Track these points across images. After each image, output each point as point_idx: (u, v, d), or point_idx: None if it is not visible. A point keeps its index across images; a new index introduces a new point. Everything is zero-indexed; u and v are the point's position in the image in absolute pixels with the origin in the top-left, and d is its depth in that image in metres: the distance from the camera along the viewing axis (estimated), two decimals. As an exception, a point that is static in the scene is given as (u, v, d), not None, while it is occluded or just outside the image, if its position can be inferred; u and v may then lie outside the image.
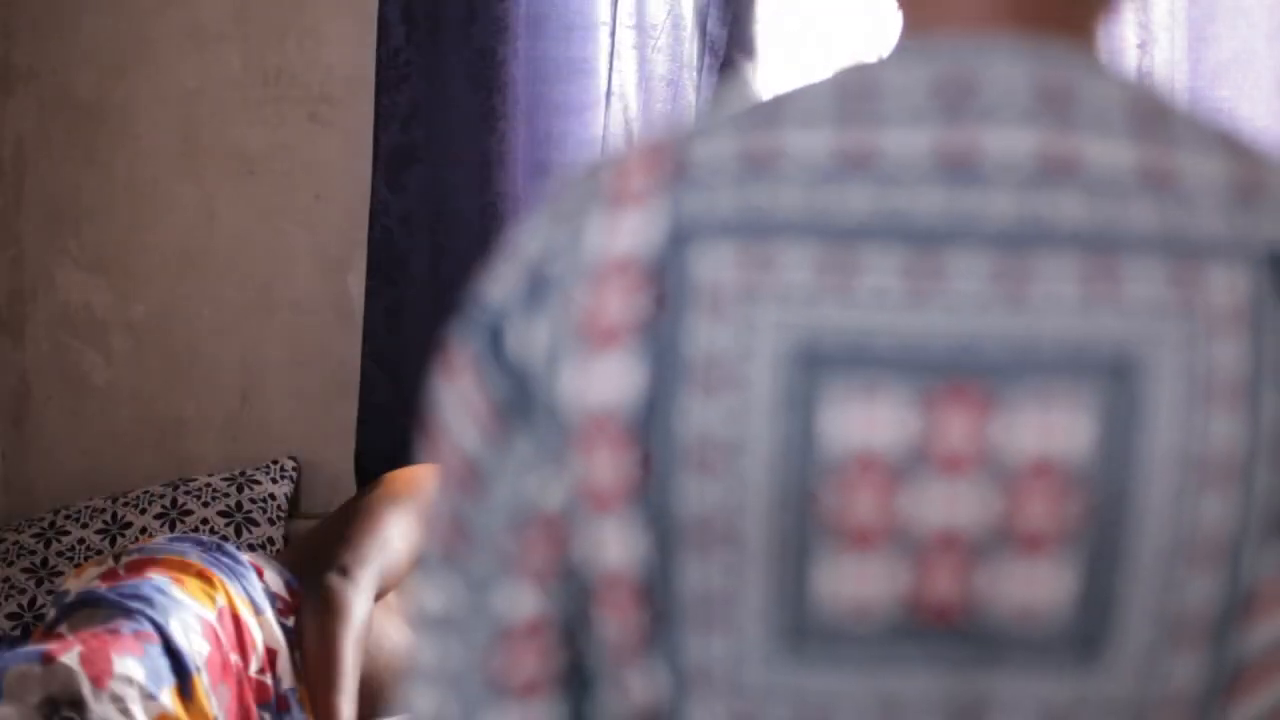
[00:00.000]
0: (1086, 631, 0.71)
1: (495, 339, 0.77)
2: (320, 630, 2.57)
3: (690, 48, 3.22)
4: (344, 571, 2.63)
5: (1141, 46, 3.00)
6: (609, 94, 3.23)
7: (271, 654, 2.57)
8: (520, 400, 0.76)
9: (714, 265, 0.73)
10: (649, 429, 0.73)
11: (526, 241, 0.78)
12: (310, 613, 2.60)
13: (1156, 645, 0.70)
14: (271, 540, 3.35)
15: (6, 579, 3.30)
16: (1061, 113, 0.73)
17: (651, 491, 0.73)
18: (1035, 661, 0.71)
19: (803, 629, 0.72)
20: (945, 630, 0.71)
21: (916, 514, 0.71)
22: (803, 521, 0.71)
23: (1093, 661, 0.71)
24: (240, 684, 2.49)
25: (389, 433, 3.37)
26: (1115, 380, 0.70)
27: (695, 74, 3.21)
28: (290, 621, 2.62)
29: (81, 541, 3.36)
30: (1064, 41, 0.76)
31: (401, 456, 3.27)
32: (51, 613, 2.53)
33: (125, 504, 3.40)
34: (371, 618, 2.64)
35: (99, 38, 3.62)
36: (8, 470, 3.69)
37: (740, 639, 0.72)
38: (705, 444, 0.72)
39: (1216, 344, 0.71)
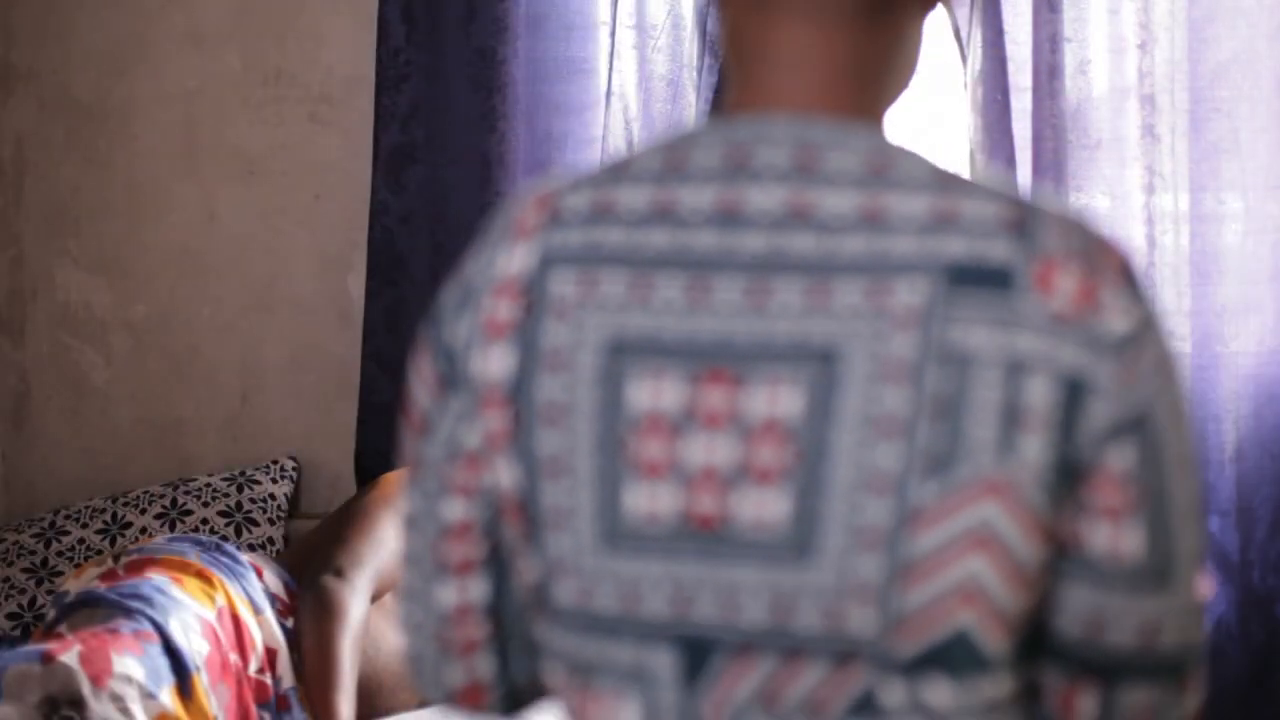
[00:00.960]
0: (799, 539, 1.00)
1: (438, 330, 1.11)
2: (317, 631, 2.57)
3: (690, 48, 3.22)
4: (339, 573, 2.63)
5: (1142, 47, 3.00)
6: (609, 94, 3.23)
7: (271, 654, 2.57)
8: (451, 374, 1.09)
9: (562, 283, 1.05)
10: (518, 396, 1.05)
11: (468, 262, 1.12)
12: (307, 614, 2.60)
13: (848, 548, 0.99)
14: (271, 540, 3.35)
15: (6, 579, 3.30)
16: (807, 174, 1.02)
17: (520, 439, 1.05)
18: (766, 559, 1.00)
19: (616, 531, 1.03)
20: (709, 534, 1.02)
21: (688, 455, 1.02)
22: (614, 459, 1.03)
23: (805, 559, 1.00)
24: (240, 683, 2.50)
25: (389, 433, 3.37)
26: (822, 364, 1.00)
27: (695, 74, 3.21)
28: (290, 622, 2.62)
29: (81, 541, 3.36)
30: (829, 120, 1.05)
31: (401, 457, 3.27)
32: (51, 613, 2.53)
33: (125, 504, 3.40)
34: (368, 618, 2.64)
35: (99, 38, 3.62)
36: (8, 470, 3.69)
37: (578, 538, 1.04)
38: (551, 407, 1.04)
39: (895, 337, 0.99)
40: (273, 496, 3.41)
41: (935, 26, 3.15)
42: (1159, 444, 1.00)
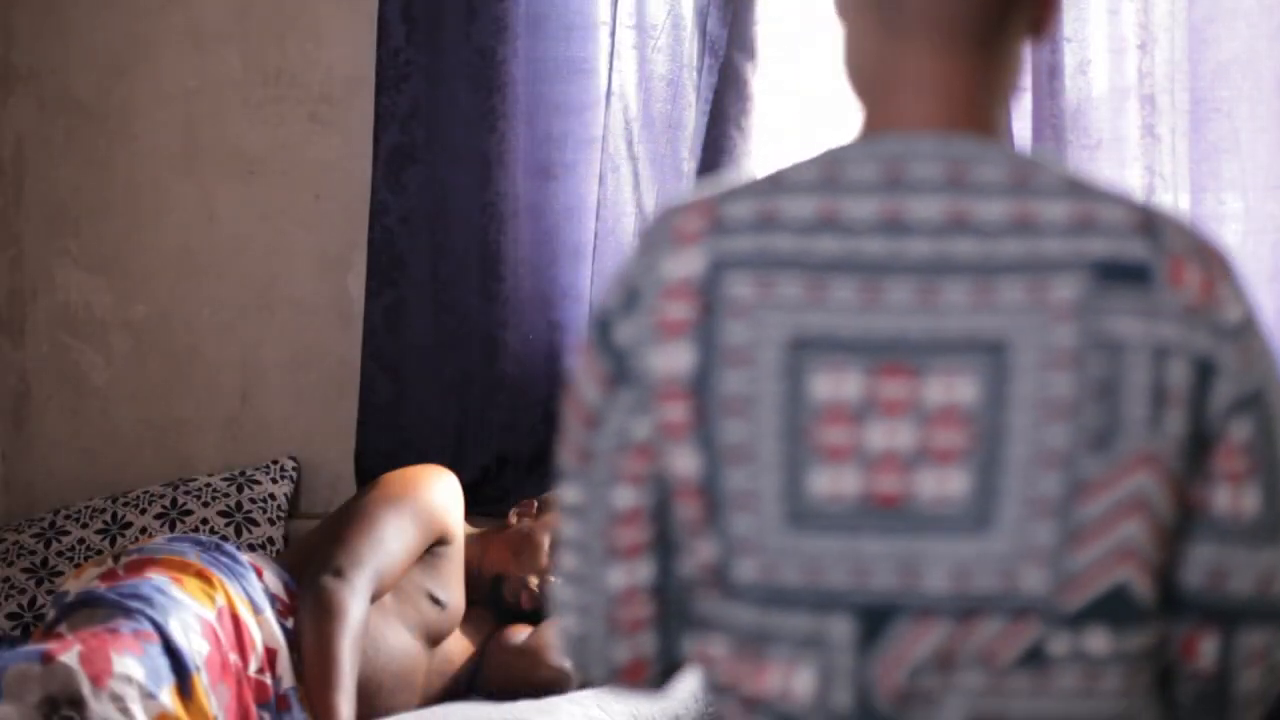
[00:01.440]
0: (980, 511, 1.13)
1: (604, 331, 1.21)
2: (317, 631, 2.57)
3: (690, 48, 3.22)
4: (339, 573, 2.63)
5: (1142, 47, 3.00)
6: (609, 94, 3.23)
7: (271, 654, 2.57)
8: (620, 371, 1.19)
9: (738, 285, 1.16)
10: (700, 389, 1.16)
11: (628, 267, 1.22)
12: (307, 614, 2.60)
13: (1024, 517, 1.12)
14: (271, 540, 3.35)
15: (6, 579, 3.30)
16: (960, 186, 1.16)
17: (703, 428, 1.16)
18: (947, 531, 1.13)
19: (799, 512, 1.15)
20: (890, 511, 1.14)
21: (869, 440, 1.14)
22: (798, 445, 1.15)
23: (983, 531, 1.13)
24: (239, 683, 2.49)
25: (389, 433, 3.37)
26: (993, 355, 1.13)
27: (695, 74, 3.21)
28: (290, 622, 2.62)
29: (81, 541, 3.36)
30: (967, 136, 1.18)
31: (401, 456, 3.27)
32: (51, 613, 2.53)
33: (125, 504, 3.40)
34: (368, 618, 2.64)
35: (99, 38, 3.62)
36: (8, 470, 3.69)
37: (762, 519, 1.15)
38: (735, 399, 1.15)
39: (1057, 328, 1.13)
40: (273, 496, 3.41)
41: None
42: (1271, 417, 1.16)
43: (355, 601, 2.61)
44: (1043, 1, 1.23)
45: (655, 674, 1.25)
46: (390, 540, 2.72)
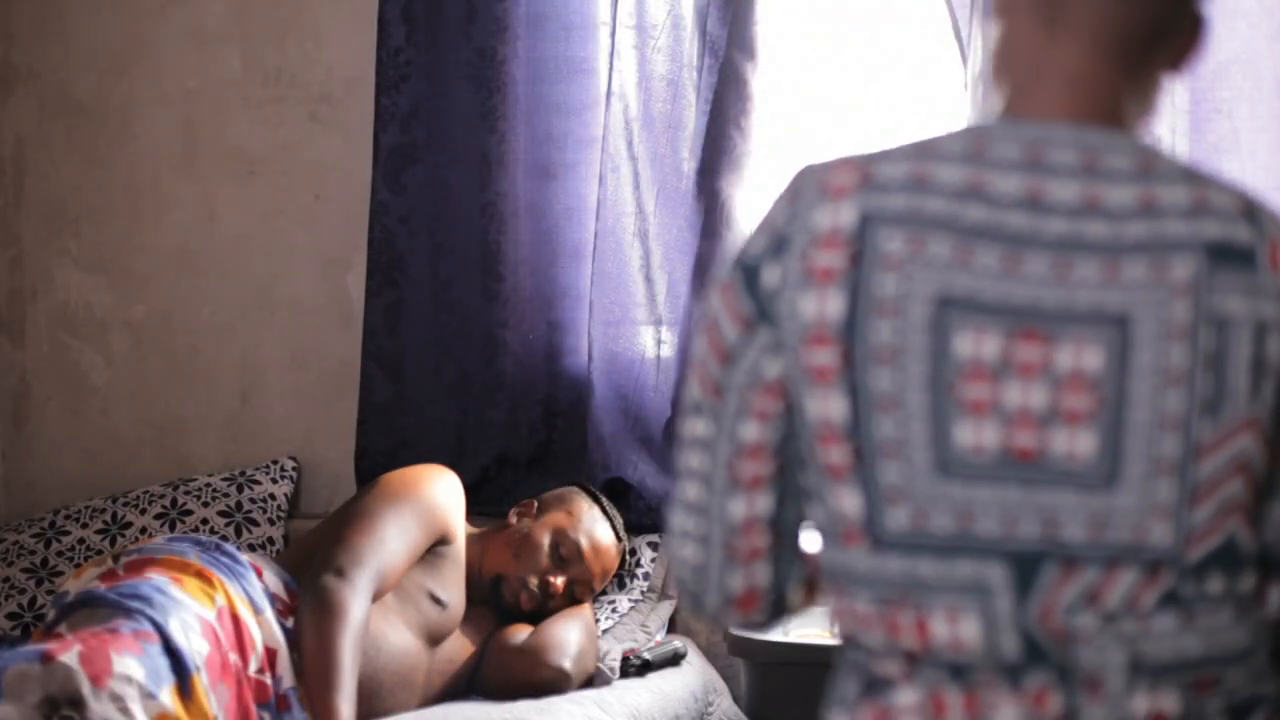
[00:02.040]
0: (1107, 469, 1.24)
1: (750, 274, 1.30)
2: (318, 631, 2.57)
3: (690, 48, 3.22)
4: (340, 573, 2.62)
5: (1142, 47, 2.99)
6: (609, 94, 3.23)
7: (271, 653, 2.57)
8: (761, 313, 1.29)
9: (890, 240, 1.25)
10: (850, 336, 1.25)
11: (774, 216, 1.30)
12: (308, 613, 2.60)
13: (1147, 476, 1.24)
14: (271, 540, 3.35)
15: (6, 579, 3.30)
16: (1093, 172, 1.27)
17: (851, 374, 1.24)
18: (1080, 486, 1.23)
19: (946, 461, 1.24)
20: (1029, 464, 1.24)
21: (1007, 398, 1.24)
22: (943, 398, 1.24)
23: (1113, 486, 1.24)
24: (239, 683, 2.49)
25: (389, 433, 3.37)
26: (1117, 327, 1.24)
27: (695, 74, 3.21)
28: (289, 622, 2.62)
29: (81, 541, 3.36)
30: (1099, 128, 1.29)
31: (401, 456, 3.27)
32: (51, 613, 2.53)
33: (125, 504, 3.40)
34: (369, 618, 2.64)
35: (99, 38, 3.62)
36: (8, 470, 3.69)
37: (912, 467, 1.24)
38: (884, 348, 1.24)
39: (1175, 304, 1.24)
40: (273, 496, 3.41)
41: (935, 27, 3.15)
42: None
43: (357, 601, 2.61)
44: (1188, 42, 1.34)
45: (767, 606, 1.34)
46: (392, 540, 2.72)
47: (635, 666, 2.93)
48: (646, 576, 3.21)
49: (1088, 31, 1.30)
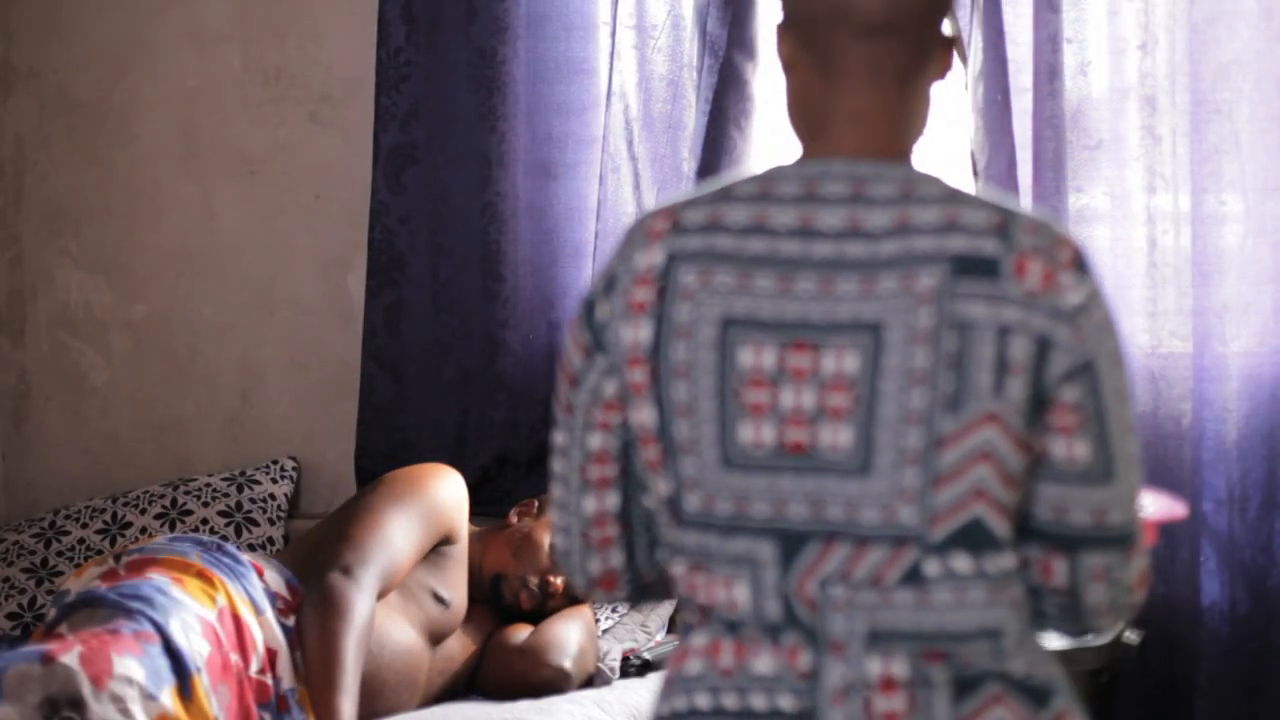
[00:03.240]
0: (861, 459, 1.42)
1: (589, 310, 1.51)
2: (322, 629, 2.57)
3: (690, 48, 3.22)
4: (346, 571, 2.62)
5: (1142, 48, 3.00)
6: (609, 94, 3.23)
7: (272, 654, 2.56)
8: (597, 342, 1.50)
9: (686, 275, 1.46)
10: (656, 357, 1.46)
11: (611, 259, 1.52)
12: (311, 612, 2.59)
13: (896, 464, 1.41)
14: (271, 540, 3.35)
15: (6, 579, 3.30)
16: (859, 200, 1.45)
17: (658, 388, 1.46)
18: (841, 473, 1.42)
19: (730, 456, 1.45)
20: (800, 456, 1.43)
21: (782, 400, 1.43)
22: (727, 404, 1.44)
23: (866, 474, 1.42)
24: (240, 684, 2.49)
25: (389, 433, 3.37)
26: (872, 334, 1.42)
27: (695, 74, 3.21)
28: (290, 621, 2.62)
29: (81, 541, 3.36)
30: (873, 160, 1.48)
31: (401, 456, 3.27)
32: (51, 613, 2.53)
33: (125, 504, 3.40)
34: (373, 617, 2.64)
35: (99, 38, 3.62)
36: (8, 470, 3.69)
37: (702, 461, 1.45)
38: (681, 364, 1.45)
39: (920, 311, 1.41)
40: (273, 496, 3.41)
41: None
42: (1099, 382, 1.43)
43: (362, 600, 2.61)
44: (946, 55, 1.54)
45: (625, 583, 1.56)
46: (397, 539, 2.72)
47: (635, 666, 2.94)
48: (646, 576, 3.21)
49: (857, 75, 1.49)
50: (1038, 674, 1.45)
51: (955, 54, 1.55)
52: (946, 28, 1.54)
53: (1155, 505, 2.47)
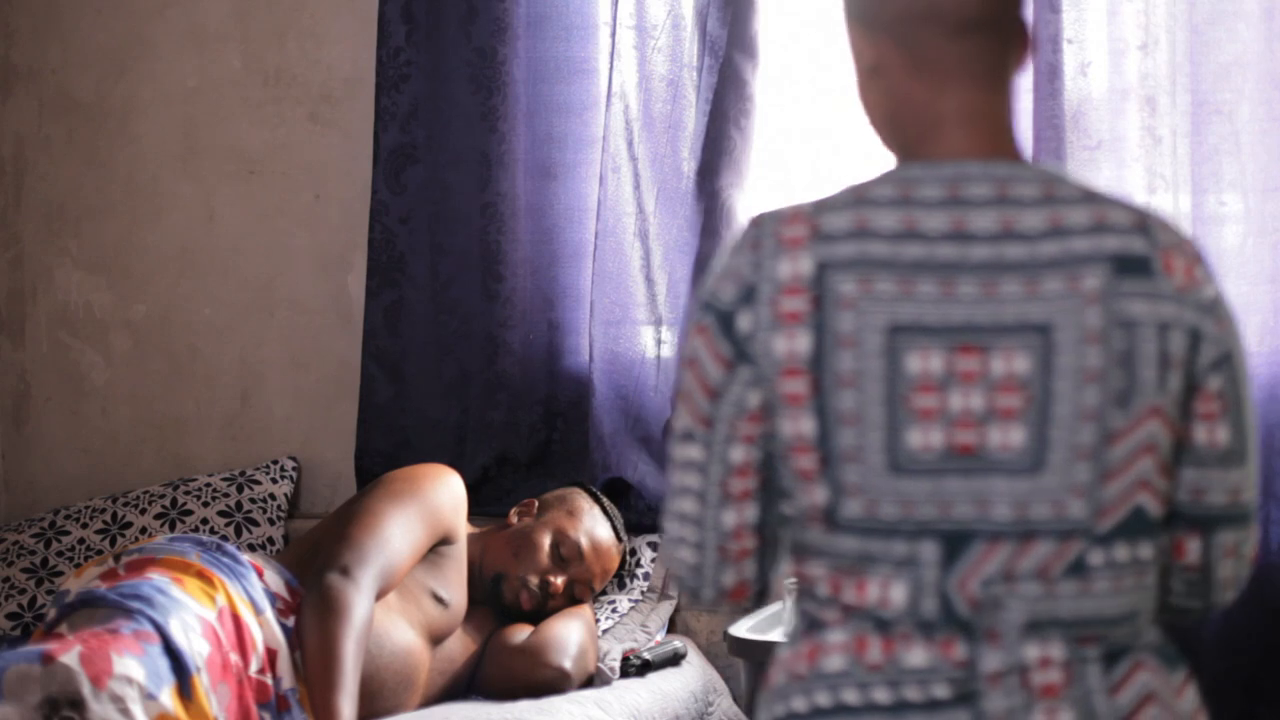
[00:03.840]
0: (1034, 458, 1.46)
1: (727, 321, 1.51)
2: (321, 629, 2.57)
3: (690, 48, 3.22)
4: (345, 571, 2.62)
5: (1143, 48, 3.00)
6: (609, 94, 3.23)
7: (271, 654, 2.56)
8: (740, 354, 1.50)
9: (843, 284, 1.47)
10: (818, 367, 1.47)
11: (738, 264, 1.51)
12: (311, 612, 2.59)
13: (1068, 461, 1.46)
14: (271, 540, 3.35)
15: (6, 579, 3.30)
16: (1006, 201, 1.48)
17: (821, 398, 1.47)
18: (1010, 472, 1.46)
19: (898, 461, 1.47)
20: (968, 457, 1.46)
21: (951, 404, 1.46)
22: (896, 409, 1.46)
23: (1038, 471, 1.46)
24: (240, 684, 2.49)
25: (389, 433, 3.37)
26: (1041, 335, 1.46)
27: (695, 74, 3.21)
28: (290, 621, 2.62)
29: (81, 541, 3.36)
30: (1001, 159, 1.51)
31: (401, 456, 3.27)
32: (51, 613, 2.53)
33: (125, 504, 3.40)
34: (372, 617, 2.64)
35: (99, 38, 3.62)
36: (8, 470, 3.69)
37: (867, 467, 1.47)
38: (847, 374, 1.47)
39: (1088, 312, 1.46)
40: (273, 496, 3.41)
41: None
42: (1236, 370, 1.52)
43: (361, 600, 2.61)
44: (1025, 45, 1.56)
45: (754, 593, 1.57)
46: (396, 539, 2.72)
47: (635, 666, 2.94)
48: (646, 576, 3.21)
49: (957, 73, 1.52)
50: (1165, 642, 1.53)
51: (1030, 41, 1.57)
52: (1024, 10, 1.56)
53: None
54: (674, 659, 3.00)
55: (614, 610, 3.14)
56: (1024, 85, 3.03)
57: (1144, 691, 1.50)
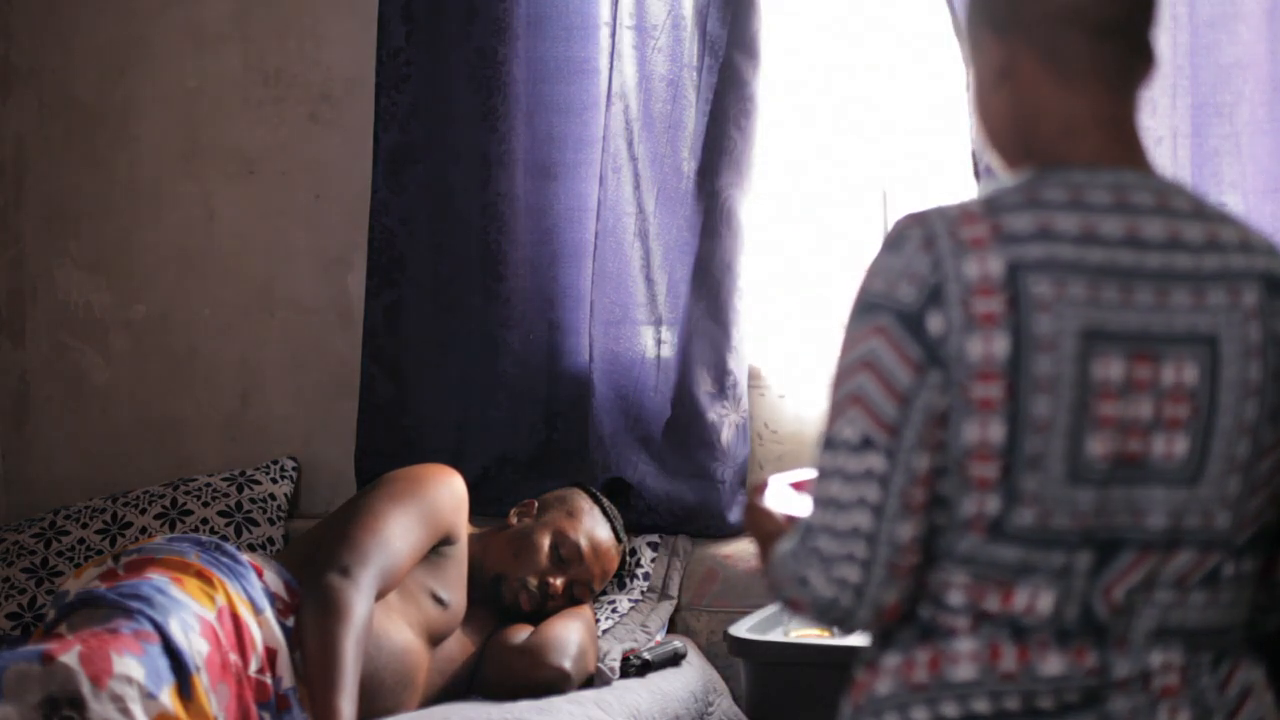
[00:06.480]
0: (1194, 468, 1.48)
1: (916, 322, 1.46)
2: (320, 630, 2.56)
3: (690, 48, 3.22)
4: (345, 571, 2.62)
5: (1142, 47, 2.99)
6: (609, 94, 3.23)
7: (271, 653, 2.56)
8: (932, 357, 1.46)
9: (1038, 285, 1.45)
10: (1014, 371, 1.45)
11: (913, 264, 1.47)
12: (310, 612, 2.59)
13: (1224, 473, 1.49)
14: (271, 540, 3.35)
15: (6, 579, 3.30)
16: (1168, 211, 1.50)
17: (1015, 403, 1.44)
18: (1169, 482, 1.48)
19: (1077, 470, 1.46)
20: (1133, 466, 1.47)
21: (1127, 412, 1.47)
22: (1081, 417, 1.45)
23: (1196, 481, 1.49)
24: (240, 683, 2.49)
25: (389, 433, 3.37)
26: (1208, 347, 1.48)
27: (695, 74, 3.21)
28: (290, 621, 2.62)
29: (81, 541, 3.36)
30: (1148, 170, 1.54)
31: (402, 456, 3.27)
32: (51, 613, 2.53)
33: (125, 504, 3.40)
34: (372, 617, 2.64)
35: (99, 38, 3.62)
36: (8, 470, 3.69)
37: (1047, 475, 1.45)
38: (1044, 379, 1.45)
39: (1249, 326, 1.49)
40: (273, 496, 3.41)
41: (936, 27, 3.15)
42: None
43: (360, 600, 2.60)
44: (1150, 54, 1.55)
45: (902, 614, 1.52)
46: (396, 539, 2.72)
47: (635, 666, 2.93)
48: (646, 576, 3.21)
49: (1096, 77, 1.52)
50: (1248, 642, 1.58)
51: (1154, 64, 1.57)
52: (1154, 32, 1.57)
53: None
54: (674, 659, 3.00)
55: (614, 610, 3.14)
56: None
57: (1246, 685, 1.53)
